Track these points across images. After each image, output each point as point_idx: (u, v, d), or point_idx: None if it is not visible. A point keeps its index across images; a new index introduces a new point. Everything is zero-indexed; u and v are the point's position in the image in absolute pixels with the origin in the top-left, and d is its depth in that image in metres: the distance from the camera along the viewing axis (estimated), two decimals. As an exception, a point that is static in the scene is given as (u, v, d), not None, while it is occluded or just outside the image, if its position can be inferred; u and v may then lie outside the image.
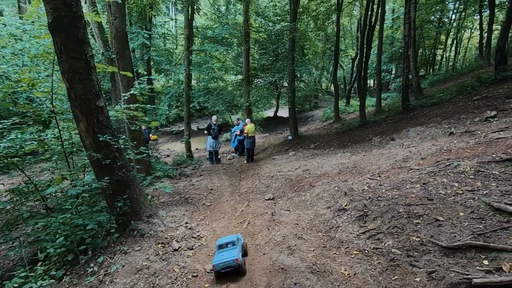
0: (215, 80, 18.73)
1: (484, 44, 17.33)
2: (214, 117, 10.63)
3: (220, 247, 3.19)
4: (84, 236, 3.41)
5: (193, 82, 20.30)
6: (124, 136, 4.89)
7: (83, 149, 3.62)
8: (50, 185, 4.00)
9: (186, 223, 4.49)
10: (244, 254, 3.34)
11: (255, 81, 17.01)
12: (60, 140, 4.15)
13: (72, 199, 3.77)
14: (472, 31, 26.24)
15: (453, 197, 3.38)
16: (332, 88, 20.35)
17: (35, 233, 3.71)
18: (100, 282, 2.94)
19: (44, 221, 3.53)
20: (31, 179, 4.17)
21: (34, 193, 4.10)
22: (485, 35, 16.91)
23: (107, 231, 3.67)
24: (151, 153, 8.44)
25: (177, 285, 2.94)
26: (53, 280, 2.97)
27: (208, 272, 3.15)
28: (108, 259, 3.21)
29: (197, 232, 4.18)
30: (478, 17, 19.94)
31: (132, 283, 2.90)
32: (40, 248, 3.40)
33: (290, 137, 12.74)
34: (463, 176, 3.77)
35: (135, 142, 6.36)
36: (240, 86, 16.92)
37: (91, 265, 3.16)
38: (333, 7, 15.99)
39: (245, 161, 10.40)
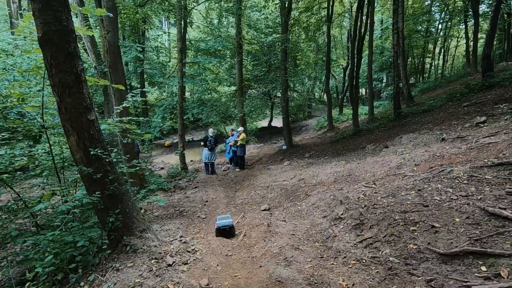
0: (208, 91, 18.81)
1: (471, 52, 17.83)
2: (210, 130, 10.68)
3: (220, 218, 4.71)
4: (74, 253, 3.30)
5: (187, 94, 20.36)
6: (116, 149, 4.83)
7: (74, 163, 3.55)
8: (40, 202, 3.90)
9: (181, 236, 4.39)
10: (233, 235, 4.62)
11: (248, 92, 17.14)
12: (50, 155, 4.07)
13: (62, 215, 3.66)
14: (459, 40, 27.04)
15: (448, 203, 3.38)
16: (325, 97, 20.58)
17: (24, 251, 3.58)
18: (91, 302, 2.83)
19: (33, 239, 3.41)
20: (21, 195, 4.06)
21: (23, 210, 3.98)
22: (471, 43, 17.41)
23: (98, 247, 3.56)
24: (145, 166, 8.35)
25: (172, 302, 2.85)
26: (42, 301, 2.85)
27: (203, 288, 3.07)
28: (100, 277, 3.10)
29: (192, 245, 4.08)
30: (464, 26, 20.60)
31: (125, 301, 2.80)
32: (28, 267, 3.28)
33: (284, 147, 12.76)
34: (457, 181, 3.79)
35: (128, 155, 6.29)
36: (234, 97, 17.03)
37: (82, 284, 3.05)
38: (324, 19, 16.36)
39: (237, 169, 10.45)
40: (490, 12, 14.19)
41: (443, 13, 22.17)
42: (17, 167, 4.04)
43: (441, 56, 26.57)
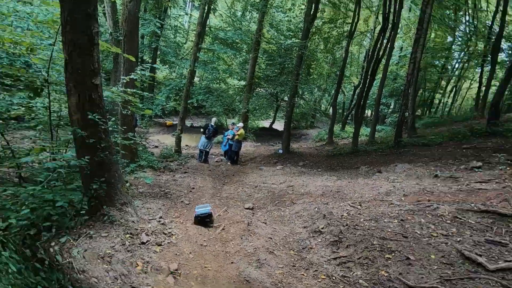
0: (218, 81, 18.75)
1: (481, 97, 17.93)
2: (214, 119, 10.76)
3: (198, 207, 4.74)
4: (51, 212, 3.27)
5: (196, 79, 20.28)
6: (114, 119, 4.80)
7: (70, 124, 3.53)
8: (29, 154, 3.87)
9: (160, 217, 4.39)
10: (212, 223, 4.66)
11: (256, 90, 17.12)
12: (48, 110, 4.04)
13: (47, 173, 3.64)
14: (472, 82, 27.16)
15: (427, 239, 3.41)
16: (331, 110, 20.60)
17: (2, 201, 3.55)
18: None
19: (13, 189, 3.39)
20: (10, 144, 4.04)
21: (10, 159, 3.95)
22: (483, 88, 17.50)
23: (76, 211, 3.55)
24: (140, 141, 8.32)
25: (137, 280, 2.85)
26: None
27: (171, 273, 3.06)
28: (72, 240, 3.09)
29: (169, 228, 4.08)
30: (480, 70, 20.69)
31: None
32: (3, 217, 3.25)
33: (280, 151, 12.76)
34: (441, 219, 3.82)
35: (125, 127, 6.26)
36: (241, 92, 16.98)
37: (53, 243, 3.03)
38: (345, 34, 16.36)
39: (229, 163, 10.53)
40: (508, 62, 14.28)
41: (463, 53, 22.26)
42: (12, 115, 4.01)
43: (452, 95, 26.69)
